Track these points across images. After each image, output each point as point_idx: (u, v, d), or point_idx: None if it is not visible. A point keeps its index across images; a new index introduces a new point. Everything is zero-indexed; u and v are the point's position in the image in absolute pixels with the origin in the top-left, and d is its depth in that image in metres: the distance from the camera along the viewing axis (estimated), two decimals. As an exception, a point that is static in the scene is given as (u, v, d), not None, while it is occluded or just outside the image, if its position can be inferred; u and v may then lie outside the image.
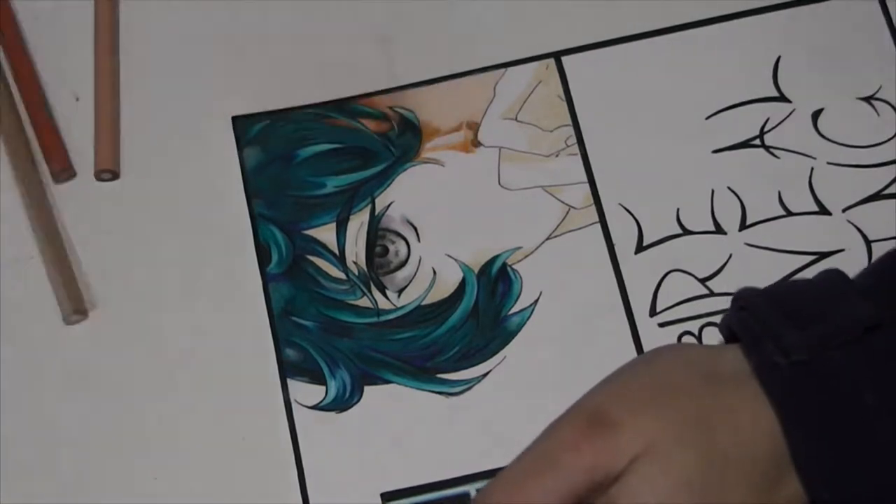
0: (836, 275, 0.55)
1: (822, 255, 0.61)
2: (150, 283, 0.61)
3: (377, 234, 0.62)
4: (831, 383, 0.52)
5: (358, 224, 0.62)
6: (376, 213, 0.62)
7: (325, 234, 0.62)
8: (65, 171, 0.63)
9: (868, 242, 0.61)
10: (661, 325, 0.60)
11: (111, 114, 0.64)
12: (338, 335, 0.60)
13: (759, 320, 0.53)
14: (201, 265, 0.62)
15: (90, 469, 0.59)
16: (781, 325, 0.52)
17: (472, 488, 0.58)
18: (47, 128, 0.64)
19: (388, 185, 0.63)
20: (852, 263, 0.60)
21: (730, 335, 0.55)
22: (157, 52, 0.65)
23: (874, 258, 0.60)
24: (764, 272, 0.61)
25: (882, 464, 0.51)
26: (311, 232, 0.62)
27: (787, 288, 0.55)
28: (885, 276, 0.55)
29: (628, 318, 0.61)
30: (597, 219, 0.62)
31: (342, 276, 0.61)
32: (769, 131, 0.63)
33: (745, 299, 0.54)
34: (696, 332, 0.60)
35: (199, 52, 0.65)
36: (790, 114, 0.63)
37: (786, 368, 0.52)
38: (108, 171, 0.63)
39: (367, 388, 0.60)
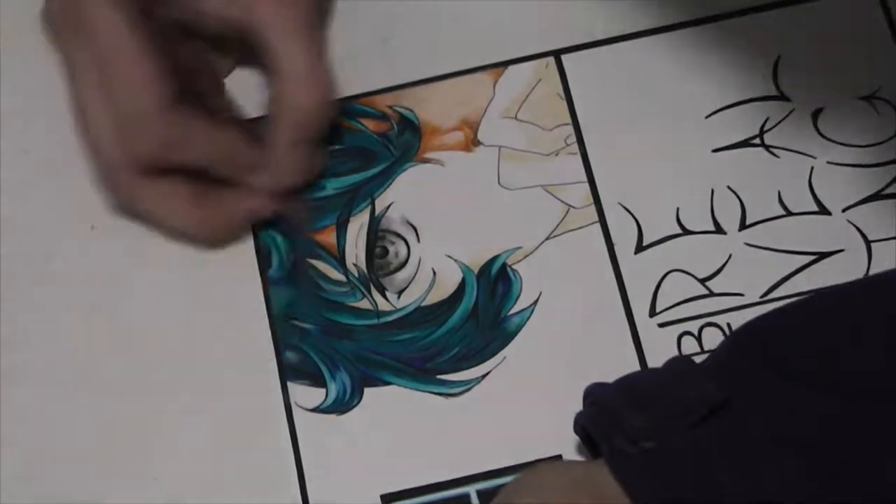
0: (682, 360, 0.55)
1: (822, 255, 0.61)
2: (150, 285, 0.61)
3: (377, 235, 0.62)
4: (683, 466, 0.51)
5: (358, 225, 0.62)
6: (376, 214, 0.62)
7: (326, 236, 0.62)
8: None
9: (868, 242, 0.61)
10: (661, 325, 0.60)
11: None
12: (338, 337, 0.60)
13: (605, 412, 0.53)
14: (202, 269, 0.62)
15: (90, 470, 0.59)
16: (626, 411, 0.52)
17: (472, 489, 0.58)
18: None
19: (388, 186, 0.63)
20: (852, 263, 0.61)
21: (584, 434, 0.55)
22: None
23: (874, 259, 0.61)
24: (764, 272, 0.61)
25: None
26: (311, 234, 0.62)
27: (633, 378, 0.56)
28: (725, 355, 0.55)
29: (628, 318, 0.61)
30: (596, 218, 0.62)
31: (342, 278, 0.61)
32: (769, 130, 0.63)
33: (593, 395, 0.55)
34: (696, 332, 0.60)
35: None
36: (790, 113, 0.63)
37: (635, 458, 0.52)
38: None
39: (367, 390, 0.60)
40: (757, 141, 0.63)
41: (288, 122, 0.59)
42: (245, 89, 0.63)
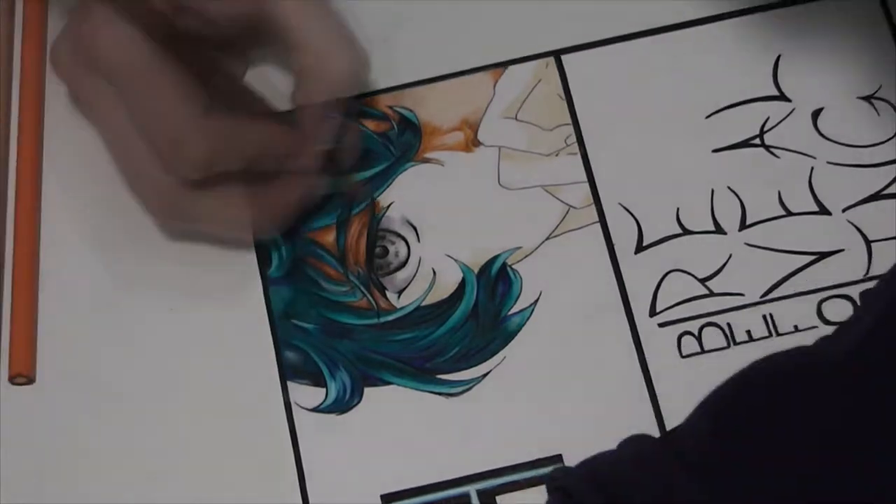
0: (651, 447, 0.54)
1: (822, 255, 0.61)
2: (150, 284, 0.61)
3: (377, 234, 0.62)
4: None
5: (359, 225, 0.62)
6: (376, 213, 0.62)
7: (326, 236, 0.62)
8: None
9: (868, 242, 0.61)
10: (661, 325, 0.60)
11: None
12: (338, 337, 0.60)
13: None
14: (202, 269, 0.62)
15: (90, 470, 0.59)
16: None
17: (472, 489, 0.58)
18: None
19: (389, 186, 0.63)
20: (852, 263, 0.61)
21: None
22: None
23: (874, 259, 0.61)
24: (764, 272, 0.61)
25: None
26: (311, 234, 0.62)
27: (604, 466, 0.55)
28: (707, 439, 0.53)
29: (628, 318, 0.61)
30: (597, 218, 0.62)
31: (342, 277, 0.61)
32: (769, 130, 0.63)
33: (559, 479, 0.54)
34: (696, 332, 0.60)
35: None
36: (790, 113, 0.63)
37: None
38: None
39: (367, 390, 0.60)
40: (757, 141, 0.63)
41: (320, 93, 0.58)
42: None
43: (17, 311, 0.61)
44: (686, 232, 0.62)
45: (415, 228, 0.62)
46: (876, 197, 0.62)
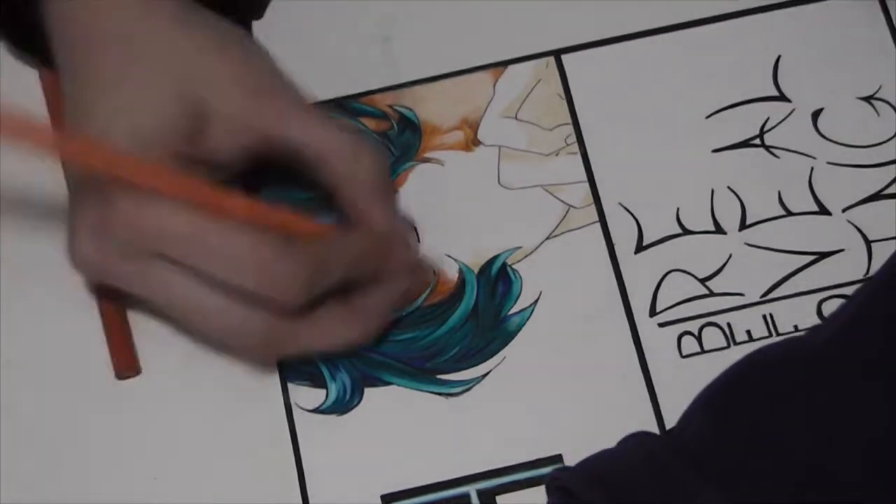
0: (652, 444, 0.54)
1: (822, 255, 0.61)
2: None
3: (377, 235, 0.62)
4: None
5: (358, 225, 0.62)
6: (376, 213, 0.62)
7: (326, 236, 0.62)
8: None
9: (868, 242, 0.61)
10: (661, 325, 0.60)
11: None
12: (338, 337, 0.60)
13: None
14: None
15: (90, 469, 0.59)
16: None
17: (472, 489, 0.58)
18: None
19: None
20: (852, 263, 0.61)
21: None
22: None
23: (874, 259, 0.61)
24: (764, 272, 0.61)
25: None
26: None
27: (605, 463, 0.54)
28: (706, 432, 0.53)
29: (628, 318, 0.61)
30: (597, 218, 0.62)
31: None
32: (769, 131, 0.63)
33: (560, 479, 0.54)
34: (696, 332, 0.60)
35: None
36: (790, 113, 0.63)
37: None
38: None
39: (367, 391, 0.60)
40: (757, 141, 0.63)
41: (368, 190, 0.57)
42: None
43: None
44: (686, 232, 0.62)
45: (415, 228, 0.62)
46: (876, 197, 0.62)
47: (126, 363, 0.60)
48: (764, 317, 0.60)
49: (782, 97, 0.63)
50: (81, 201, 0.55)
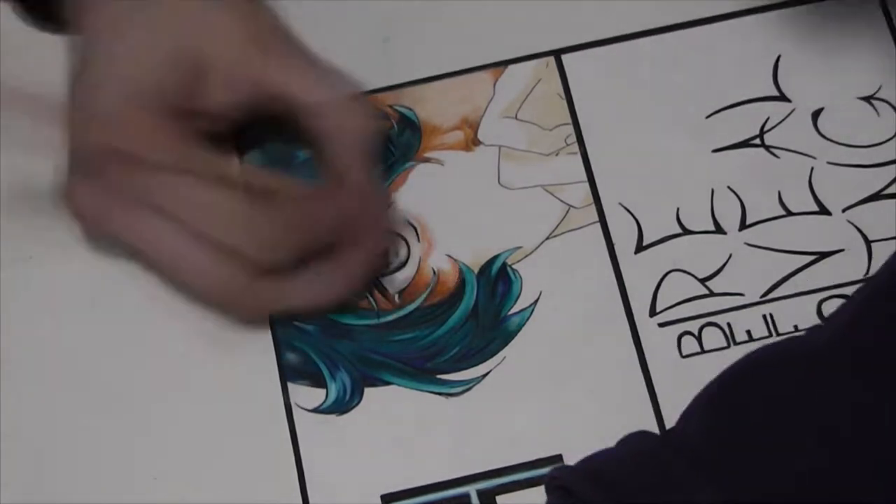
0: (651, 443, 0.54)
1: (822, 255, 0.61)
2: (148, 284, 0.61)
3: (377, 234, 0.62)
4: None
5: (358, 225, 0.62)
6: (376, 213, 0.62)
7: (326, 236, 0.62)
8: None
9: (868, 242, 0.61)
10: (661, 325, 0.60)
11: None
12: (338, 338, 0.60)
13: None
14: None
15: (90, 469, 0.59)
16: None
17: (472, 489, 0.58)
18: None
19: (388, 185, 0.63)
20: (852, 263, 0.61)
21: None
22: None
23: (874, 259, 0.61)
24: (764, 272, 0.61)
25: None
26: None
27: (605, 463, 0.54)
28: (706, 432, 0.53)
29: (628, 318, 0.61)
30: (597, 218, 0.62)
31: (342, 277, 0.61)
32: (769, 131, 0.63)
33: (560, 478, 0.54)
34: (696, 332, 0.60)
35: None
36: (790, 113, 0.63)
37: None
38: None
39: (367, 390, 0.60)
40: (757, 141, 0.63)
41: (354, 149, 0.59)
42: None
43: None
44: (686, 232, 0.62)
45: (415, 228, 0.62)
46: (876, 197, 0.62)
47: None
48: (764, 317, 0.60)
49: (782, 97, 0.63)
50: (79, 149, 0.57)
